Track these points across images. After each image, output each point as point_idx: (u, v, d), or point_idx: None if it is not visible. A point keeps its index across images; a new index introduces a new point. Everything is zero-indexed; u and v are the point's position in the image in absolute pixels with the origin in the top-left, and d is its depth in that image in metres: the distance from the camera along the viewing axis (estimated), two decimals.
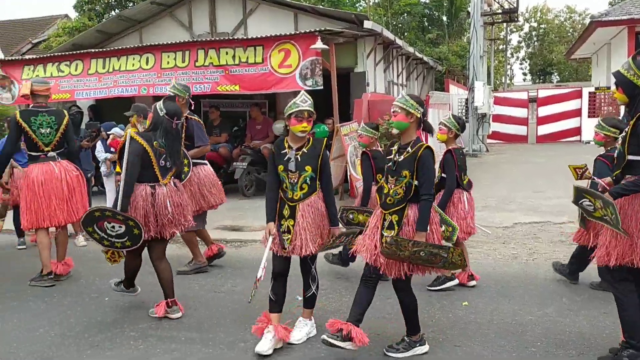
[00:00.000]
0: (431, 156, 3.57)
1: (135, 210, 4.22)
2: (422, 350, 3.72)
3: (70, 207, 5.47)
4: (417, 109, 3.60)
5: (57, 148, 5.51)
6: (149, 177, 4.27)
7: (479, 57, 16.28)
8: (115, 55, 9.73)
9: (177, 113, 4.38)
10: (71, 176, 5.51)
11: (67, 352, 3.94)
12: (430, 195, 3.53)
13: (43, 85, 5.53)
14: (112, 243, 4.24)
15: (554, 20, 42.98)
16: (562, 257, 5.86)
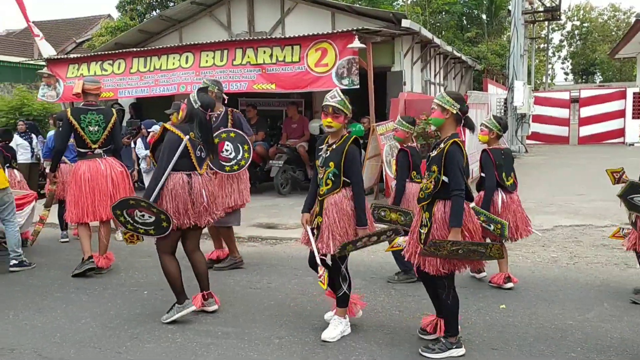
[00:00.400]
0: (459, 151, 3.54)
1: (175, 199, 4.22)
2: (459, 353, 3.67)
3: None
4: (453, 105, 3.60)
5: (104, 145, 5.70)
6: (185, 166, 4.29)
7: (519, 56, 15.98)
8: (156, 54, 9.94)
9: (211, 105, 4.45)
10: (116, 172, 5.69)
11: (108, 343, 4.04)
12: (461, 191, 3.50)
13: (94, 84, 5.73)
14: (136, 228, 4.27)
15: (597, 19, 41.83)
16: (604, 262, 5.72)
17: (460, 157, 3.53)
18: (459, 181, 3.50)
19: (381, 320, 4.36)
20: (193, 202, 4.29)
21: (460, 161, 3.52)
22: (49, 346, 4.02)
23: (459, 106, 3.61)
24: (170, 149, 4.22)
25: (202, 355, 3.80)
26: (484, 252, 3.48)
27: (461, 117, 3.65)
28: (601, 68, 42.18)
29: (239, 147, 5.43)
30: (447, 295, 3.68)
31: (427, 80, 13.36)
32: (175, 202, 4.23)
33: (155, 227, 4.23)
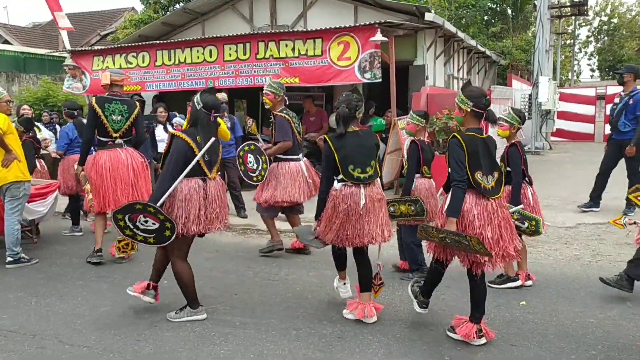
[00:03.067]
0: (455, 143, 3.62)
1: (189, 204, 4.06)
2: (479, 342, 3.71)
3: (135, 192, 5.73)
4: (467, 104, 3.68)
5: (125, 136, 5.79)
6: (196, 172, 4.11)
7: (544, 52, 15.69)
8: (179, 46, 9.99)
9: (215, 105, 4.19)
10: (137, 162, 5.78)
11: (127, 330, 4.10)
12: (458, 182, 3.56)
13: (119, 76, 5.85)
14: (134, 235, 4.07)
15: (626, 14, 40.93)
16: (627, 260, 5.59)
17: (455, 148, 3.60)
18: (455, 172, 3.58)
19: (399, 314, 4.34)
20: (206, 207, 4.13)
21: (454, 153, 3.60)
22: (69, 332, 4.09)
23: (472, 103, 3.66)
24: (177, 156, 4.02)
25: (220, 345, 3.83)
26: (466, 243, 3.47)
27: (479, 112, 3.69)
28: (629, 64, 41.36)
29: (259, 159, 5.70)
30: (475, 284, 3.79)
31: (450, 75, 13.22)
32: (188, 207, 4.05)
33: (156, 235, 4.01)
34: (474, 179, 3.61)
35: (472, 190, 3.64)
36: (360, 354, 3.67)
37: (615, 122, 7.29)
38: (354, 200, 3.98)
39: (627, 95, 7.27)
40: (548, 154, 15.55)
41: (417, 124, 5.16)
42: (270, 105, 5.81)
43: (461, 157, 3.58)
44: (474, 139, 3.64)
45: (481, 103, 3.66)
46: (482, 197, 3.64)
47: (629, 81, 7.32)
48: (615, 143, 7.42)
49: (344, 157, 3.99)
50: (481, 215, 3.61)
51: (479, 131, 3.70)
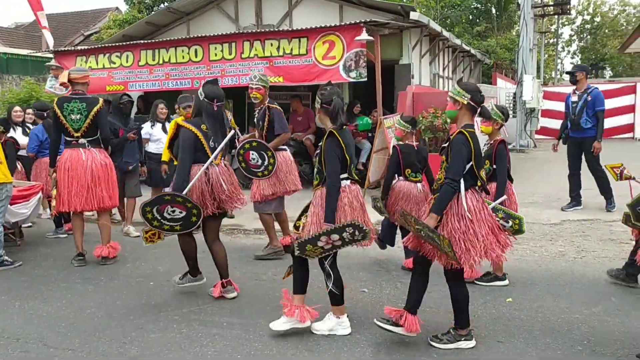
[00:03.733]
0: (462, 141, 3.48)
1: (192, 190, 4.36)
2: (468, 345, 3.66)
3: (91, 195, 5.57)
4: (464, 96, 3.57)
5: (88, 135, 5.61)
6: (201, 159, 4.43)
7: (528, 50, 15.82)
8: (164, 46, 9.93)
9: (217, 95, 4.50)
10: (97, 164, 5.59)
11: (113, 333, 4.06)
12: (452, 181, 3.45)
13: (80, 73, 5.69)
14: (162, 225, 4.33)
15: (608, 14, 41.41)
16: (611, 256, 5.67)
17: (462, 147, 3.47)
18: (454, 170, 3.46)
19: None
20: (212, 192, 4.45)
21: (462, 151, 3.46)
22: (54, 335, 4.04)
23: (470, 96, 3.56)
24: (188, 145, 4.36)
25: (207, 346, 3.80)
26: (438, 242, 3.39)
27: (475, 107, 3.59)
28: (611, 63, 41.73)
29: (264, 155, 5.64)
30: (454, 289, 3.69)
31: (436, 74, 13.28)
32: (192, 193, 4.36)
33: (183, 222, 4.32)
34: (480, 175, 3.56)
35: (473, 189, 3.57)
36: (348, 352, 3.67)
37: (578, 120, 7.36)
38: (357, 198, 3.88)
39: (583, 92, 7.37)
40: (532, 152, 15.69)
41: (402, 129, 5.23)
42: (261, 98, 5.77)
43: (465, 155, 3.46)
44: (476, 136, 3.55)
45: (477, 97, 3.58)
46: (480, 194, 3.62)
47: (581, 79, 7.45)
48: (575, 141, 7.52)
49: (350, 154, 3.87)
50: (482, 213, 3.55)
51: (473, 127, 3.63)
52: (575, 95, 7.49)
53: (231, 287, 4.71)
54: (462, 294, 3.67)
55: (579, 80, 7.45)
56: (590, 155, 7.41)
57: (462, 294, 3.67)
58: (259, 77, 5.77)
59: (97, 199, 5.61)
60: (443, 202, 3.49)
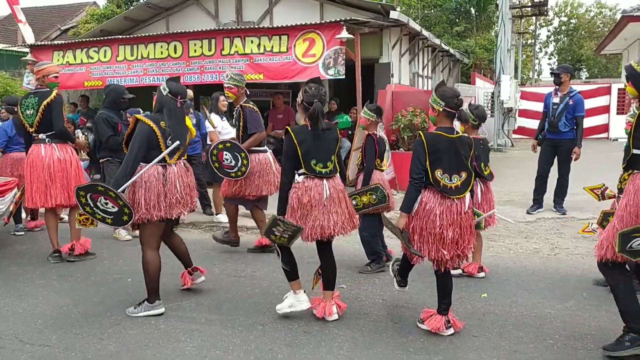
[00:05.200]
0: (418, 142, 3.71)
1: (149, 191, 4.13)
2: (448, 333, 3.82)
3: (48, 192, 5.48)
4: (439, 104, 3.73)
5: (43, 130, 5.48)
6: (155, 157, 4.16)
7: (506, 51, 16.03)
8: (142, 42, 9.85)
9: (181, 92, 4.32)
10: (54, 160, 5.47)
11: (90, 329, 4.04)
12: (413, 179, 3.69)
13: (37, 67, 5.63)
14: (94, 213, 4.11)
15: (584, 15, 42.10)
16: (584, 253, 5.80)
17: (417, 147, 3.71)
18: (412, 170, 3.70)
19: (364, 308, 4.39)
20: (166, 194, 4.19)
21: (416, 151, 3.71)
22: (30, 332, 4.00)
23: (444, 103, 3.71)
24: (140, 139, 4.10)
25: (185, 342, 3.81)
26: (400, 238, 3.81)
27: (451, 112, 3.75)
28: (587, 64, 42.46)
29: (237, 156, 5.58)
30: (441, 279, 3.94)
31: (415, 73, 13.39)
32: (149, 193, 4.13)
33: (114, 217, 4.07)
34: (433, 177, 3.66)
35: (432, 189, 3.71)
36: (326, 347, 3.70)
37: (556, 122, 7.27)
38: (317, 191, 3.98)
39: (566, 95, 7.30)
40: (510, 151, 15.91)
41: (368, 118, 5.27)
42: (234, 98, 5.73)
43: (421, 156, 3.66)
44: (438, 138, 3.69)
45: (453, 103, 3.70)
46: (446, 197, 3.68)
47: (565, 81, 7.35)
48: (551, 143, 7.44)
49: (306, 151, 3.97)
50: (444, 214, 3.67)
51: (449, 130, 3.73)
52: (557, 97, 7.37)
53: (198, 273, 4.76)
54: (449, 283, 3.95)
55: (564, 81, 7.33)
56: (563, 158, 7.38)
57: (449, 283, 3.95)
58: (230, 76, 5.69)
59: (53, 197, 5.48)
60: (407, 201, 3.74)
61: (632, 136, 3.32)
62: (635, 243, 3.13)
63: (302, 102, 4.01)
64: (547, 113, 7.48)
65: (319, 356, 3.58)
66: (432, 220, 3.68)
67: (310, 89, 3.99)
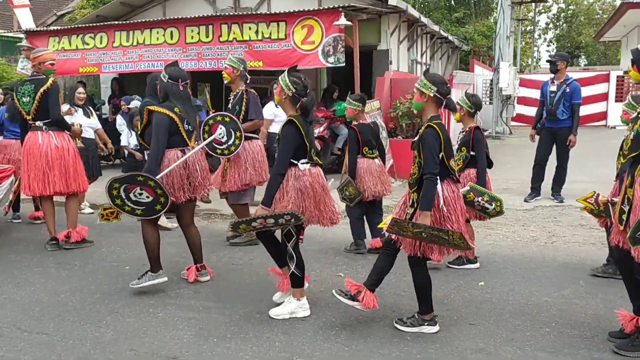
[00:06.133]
0: (432, 134, 3.54)
1: (172, 175, 4.34)
2: (431, 330, 3.73)
3: (46, 179, 5.46)
4: (430, 89, 3.61)
5: (40, 117, 5.46)
6: (177, 142, 4.40)
7: (505, 38, 15.96)
8: (138, 28, 9.77)
9: (181, 75, 4.45)
10: (51, 148, 5.45)
11: (88, 317, 4.04)
12: (432, 175, 3.50)
13: (34, 54, 5.61)
14: (124, 205, 4.21)
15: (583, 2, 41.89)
16: (581, 241, 5.82)
17: (433, 140, 3.53)
18: (430, 165, 3.51)
19: None
20: (188, 176, 4.43)
21: (433, 145, 3.52)
22: (27, 319, 4.01)
23: (436, 88, 3.60)
24: (163, 129, 4.27)
25: (183, 330, 3.82)
26: (446, 238, 3.47)
27: (441, 99, 3.65)
28: (586, 51, 42.34)
29: (232, 133, 5.37)
30: (416, 275, 3.75)
31: (414, 60, 13.33)
32: (171, 178, 4.34)
33: (146, 207, 4.23)
34: (449, 165, 3.62)
35: (448, 179, 3.64)
36: (323, 335, 3.71)
37: (554, 110, 7.28)
38: (321, 178, 4.00)
39: (562, 83, 7.30)
40: (508, 139, 15.91)
41: (353, 108, 5.37)
42: (229, 79, 5.61)
43: (437, 148, 3.53)
44: (444, 128, 3.63)
45: (443, 89, 3.63)
46: (454, 183, 3.69)
47: (562, 69, 7.36)
48: (550, 131, 7.44)
49: (310, 141, 3.95)
50: (457, 203, 3.65)
51: (440, 118, 3.70)
52: (553, 85, 7.37)
53: (205, 271, 4.76)
54: (424, 280, 3.75)
55: (560, 69, 7.34)
56: (562, 146, 7.39)
57: (424, 280, 3.75)
58: (229, 57, 5.70)
59: (51, 185, 5.47)
60: (429, 198, 3.53)
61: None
62: None
63: (293, 94, 3.87)
64: (544, 102, 7.48)
65: (316, 344, 3.59)
66: (461, 206, 3.67)
67: (300, 80, 3.90)
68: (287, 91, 3.89)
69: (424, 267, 3.75)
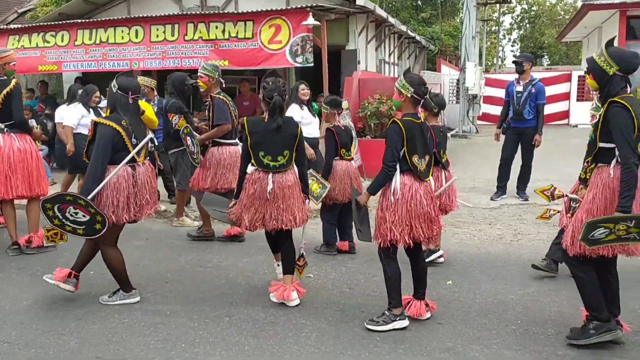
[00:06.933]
0: (395, 129, 3.70)
1: (118, 192, 4.01)
2: (402, 325, 3.78)
3: (10, 184, 5.31)
4: (408, 89, 3.74)
5: (2, 119, 5.28)
6: (124, 158, 4.05)
7: (471, 38, 16.19)
8: (102, 26, 9.59)
9: (132, 87, 4.15)
10: (14, 150, 5.30)
11: (51, 324, 3.94)
12: (387, 166, 3.69)
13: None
14: (63, 225, 4.01)
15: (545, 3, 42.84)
16: (545, 239, 5.94)
17: (394, 135, 3.68)
18: (386, 157, 3.70)
19: (331, 297, 4.41)
20: (136, 194, 4.11)
21: (393, 139, 3.68)
22: None
23: (413, 89, 3.73)
24: (105, 142, 3.96)
25: (149, 335, 3.75)
26: None
27: (418, 99, 3.78)
28: (549, 51, 43.30)
29: (193, 142, 5.50)
30: (386, 264, 3.82)
31: (382, 60, 13.42)
32: (117, 195, 4.01)
33: (86, 227, 3.96)
34: (412, 162, 3.71)
35: (411, 173, 3.74)
36: (293, 338, 3.70)
37: (521, 111, 7.41)
38: (261, 185, 4.07)
39: (528, 83, 7.44)
40: (475, 138, 16.14)
41: (326, 112, 5.45)
42: (205, 88, 5.65)
43: (398, 144, 3.67)
44: (412, 124, 3.74)
45: (420, 90, 3.76)
46: (421, 180, 3.76)
47: (527, 70, 7.52)
48: (516, 131, 7.58)
49: (255, 142, 4.05)
50: (426, 195, 3.77)
51: (416, 116, 3.81)
52: (519, 85, 7.50)
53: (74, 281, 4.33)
54: (393, 272, 3.81)
55: (526, 70, 7.48)
56: (527, 146, 7.53)
57: (393, 272, 3.81)
58: (203, 65, 5.64)
59: (13, 189, 5.31)
60: (375, 184, 3.79)
61: (599, 130, 3.36)
62: (597, 233, 3.19)
63: (263, 97, 4.08)
64: (509, 102, 7.61)
65: (285, 347, 3.58)
66: (419, 201, 3.71)
67: (268, 84, 4.05)
68: (260, 95, 4.10)
69: (394, 258, 3.82)
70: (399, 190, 3.70)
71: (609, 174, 3.35)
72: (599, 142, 3.39)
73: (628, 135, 3.23)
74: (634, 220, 3.13)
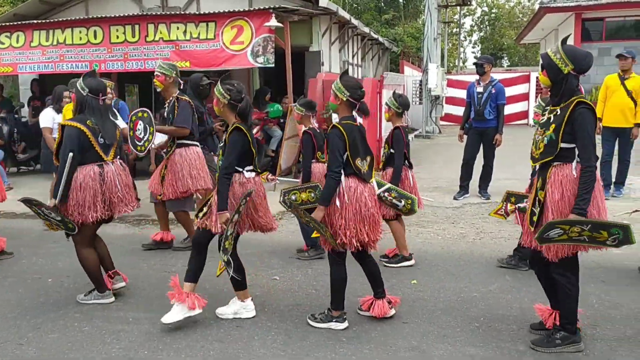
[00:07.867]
0: (336, 134, 3.66)
1: (84, 191, 4.05)
2: (338, 327, 3.81)
3: None
4: (343, 93, 3.73)
5: None
6: (92, 157, 4.12)
7: (433, 40, 16.42)
8: (59, 27, 9.34)
9: (100, 88, 4.18)
10: None
11: (8, 334, 3.80)
12: (333, 173, 3.65)
13: None
14: (47, 217, 4.10)
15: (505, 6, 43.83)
16: (507, 236, 6.06)
17: (336, 140, 3.65)
18: (332, 163, 3.66)
19: (297, 299, 4.39)
20: (104, 193, 4.14)
21: (336, 144, 3.65)
22: None
23: (349, 93, 3.72)
24: (71, 144, 4.01)
25: (111, 344, 3.66)
26: (322, 232, 3.69)
27: (354, 103, 3.76)
28: (508, 53, 44.31)
29: (147, 129, 5.20)
30: (335, 271, 3.84)
31: (345, 61, 13.47)
32: (83, 195, 4.06)
33: (63, 224, 4.11)
34: (355, 165, 3.70)
35: (355, 176, 3.74)
36: (259, 341, 3.67)
37: (482, 111, 7.57)
38: (261, 188, 4.04)
39: (488, 84, 7.61)
40: (438, 138, 16.37)
41: (298, 113, 5.36)
42: (162, 87, 5.45)
43: (340, 147, 3.64)
44: (352, 127, 3.72)
45: (356, 94, 3.74)
46: (365, 182, 3.77)
47: (488, 71, 7.68)
48: (477, 131, 7.73)
49: (256, 148, 3.99)
50: (371, 196, 3.78)
51: (353, 119, 3.80)
52: (480, 86, 7.65)
53: (119, 277, 4.54)
54: (338, 275, 3.84)
55: (486, 71, 7.64)
56: (489, 146, 7.69)
57: (338, 275, 3.84)
58: (160, 64, 5.47)
59: None
60: (326, 193, 3.70)
61: (562, 130, 3.27)
62: (552, 232, 3.21)
63: (229, 101, 3.84)
64: (471, 103, 7.75)
65: (251, 350, 3.54)
66: (364, 203, 3.71)
67: (233, 86, 3.88)
68: (223, 99, 3.86)
69: (343, 263, 3.85)
70: (345, 194, 3.68)
71: (572, 173, 3.28)
72: (561, 142, 3.28)
73: (593, 138, 3.25)
74: (590, 225, 3.16)
